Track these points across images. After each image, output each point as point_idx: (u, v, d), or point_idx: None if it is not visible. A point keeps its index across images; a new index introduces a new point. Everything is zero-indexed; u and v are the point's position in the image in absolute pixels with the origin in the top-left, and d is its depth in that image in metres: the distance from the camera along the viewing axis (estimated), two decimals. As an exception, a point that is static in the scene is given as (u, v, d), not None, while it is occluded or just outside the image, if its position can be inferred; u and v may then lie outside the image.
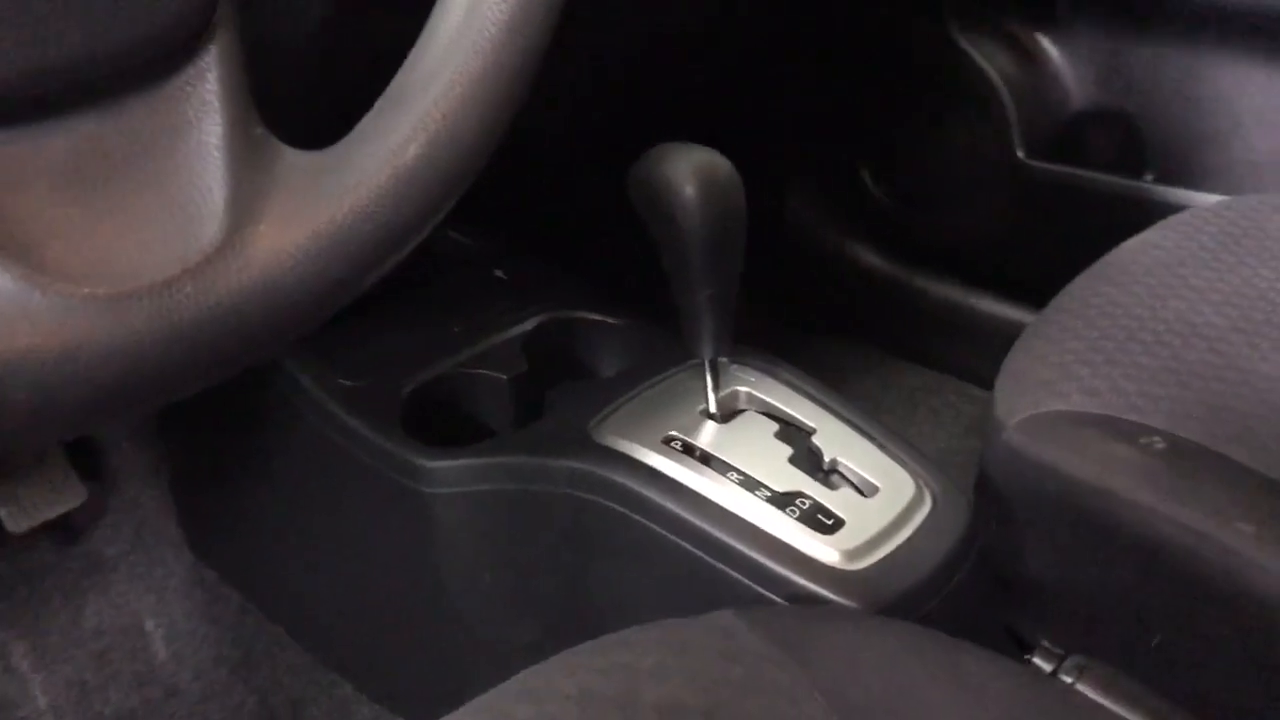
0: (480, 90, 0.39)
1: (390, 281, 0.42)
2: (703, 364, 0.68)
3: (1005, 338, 0.94)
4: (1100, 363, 0.68)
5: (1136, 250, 0.80)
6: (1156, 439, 0.63)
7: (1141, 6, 1.01)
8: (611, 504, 0.65)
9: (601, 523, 0.66)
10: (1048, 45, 1.07)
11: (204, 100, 0.36)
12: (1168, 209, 0.96)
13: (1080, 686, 0.63)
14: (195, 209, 0.34)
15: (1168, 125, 1.03)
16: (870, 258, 1.22)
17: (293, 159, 0.37)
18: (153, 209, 0.33)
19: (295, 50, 0.51)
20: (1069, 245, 0.99)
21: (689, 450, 0.66)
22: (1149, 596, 0.64)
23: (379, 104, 0.39)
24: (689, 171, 0.61)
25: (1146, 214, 0.96)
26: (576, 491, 0.66)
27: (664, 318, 0.72)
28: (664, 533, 0.63)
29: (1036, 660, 0.67)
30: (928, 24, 1.10)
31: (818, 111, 1.21)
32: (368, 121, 0.39)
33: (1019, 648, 0.68)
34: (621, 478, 0.64)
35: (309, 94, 0.55)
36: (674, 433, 0.67)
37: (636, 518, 0.64)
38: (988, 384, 0.73)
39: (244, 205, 0.35)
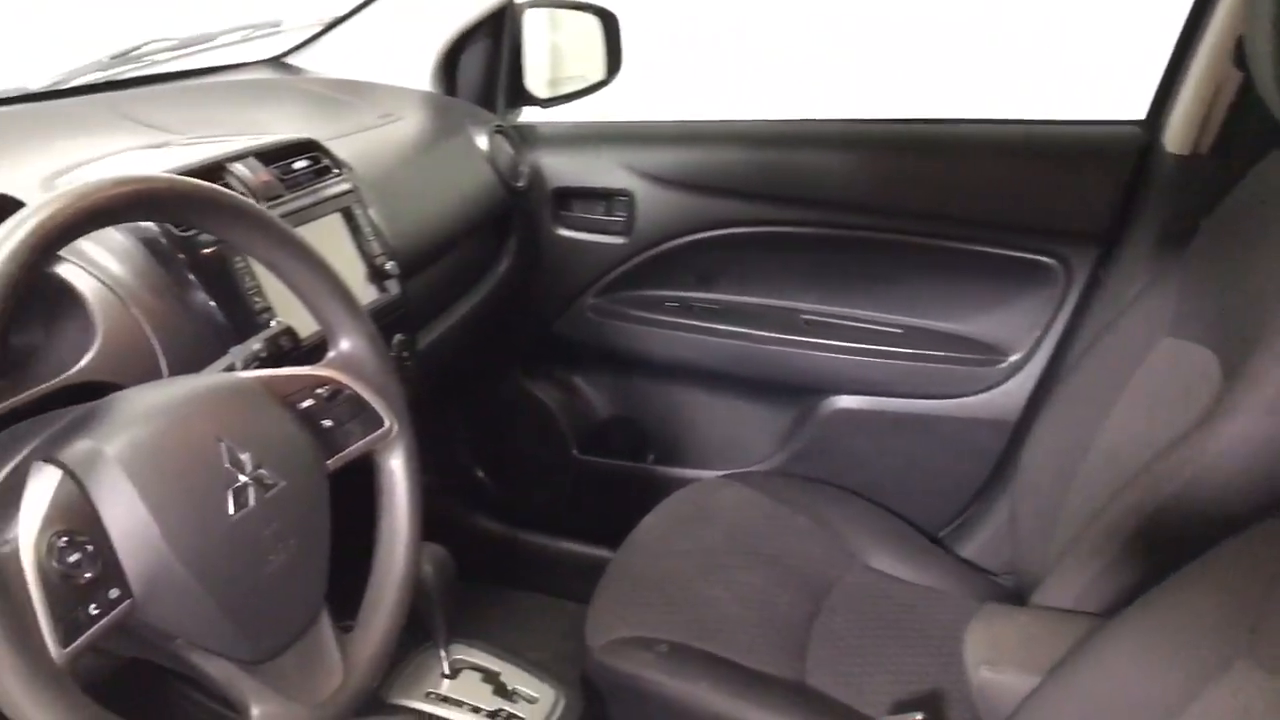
0: None
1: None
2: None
3: (575, 567, 1.53)
4: (640, 602, 1.29)
5: (660, 514, 1.43)
6: (663, 646, 1.22)
7: (625, 358, 1.69)
8: None
9: None
10: (580, 383, 1.75)
11: None
12: (667, 481, 1.63)
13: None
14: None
15: (660, 425, 1.73)
16: (482, 520, 1.82)
17: None
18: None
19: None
20: (609, 508, 1.62)
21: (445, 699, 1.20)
22: None
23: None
24: None
25: (654, 485, 1.63)
26: None
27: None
28: None
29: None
30: (508, 376, 1.73)
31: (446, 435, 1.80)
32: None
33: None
34: None
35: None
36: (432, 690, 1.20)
37: None
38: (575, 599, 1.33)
39: None
